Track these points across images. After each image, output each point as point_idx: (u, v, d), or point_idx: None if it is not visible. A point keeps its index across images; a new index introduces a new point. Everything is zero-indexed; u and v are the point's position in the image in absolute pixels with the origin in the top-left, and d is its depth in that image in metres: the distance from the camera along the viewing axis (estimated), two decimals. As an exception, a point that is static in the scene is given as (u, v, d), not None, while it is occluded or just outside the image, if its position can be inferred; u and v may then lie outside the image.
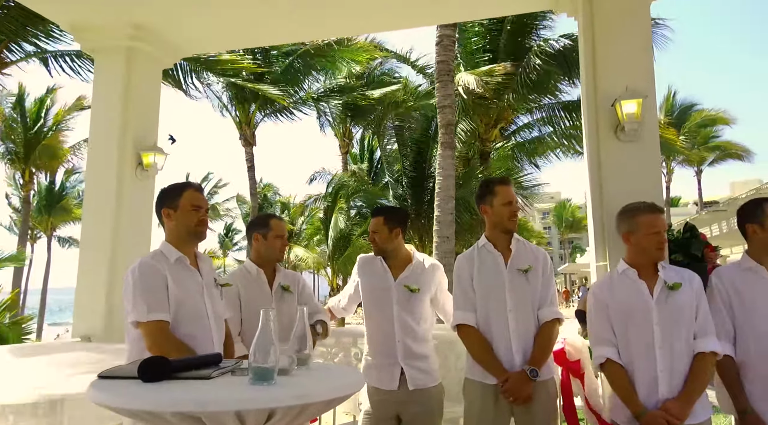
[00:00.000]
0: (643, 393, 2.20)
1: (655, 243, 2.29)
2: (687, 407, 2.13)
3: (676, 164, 27.41)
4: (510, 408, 2.42)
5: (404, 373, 2.64)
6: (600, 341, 2.33)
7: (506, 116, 11.89)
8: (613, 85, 3.19)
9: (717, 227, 12.19)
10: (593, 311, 2.40)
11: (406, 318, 2.70)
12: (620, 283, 2.35)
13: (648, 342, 2.22)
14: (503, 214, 2.56)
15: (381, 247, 2.80)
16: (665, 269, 2.33)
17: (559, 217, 57.72)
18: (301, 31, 4.87)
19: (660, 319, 2.22)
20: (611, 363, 2.27)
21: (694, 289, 2.29)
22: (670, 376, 2.18)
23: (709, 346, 2.20)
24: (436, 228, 7.03)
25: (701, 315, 2.26)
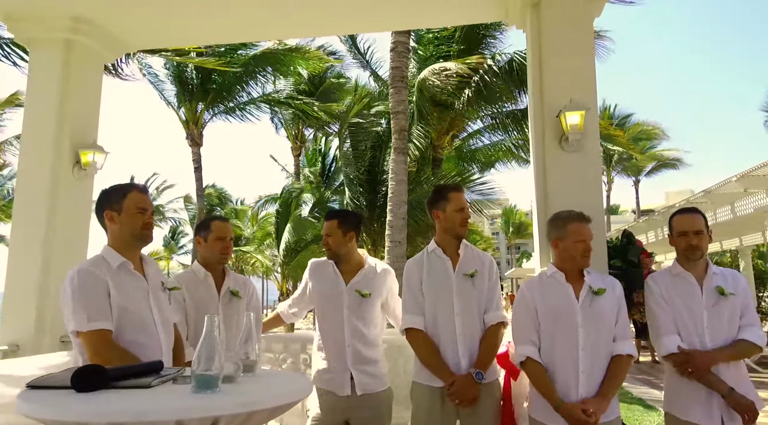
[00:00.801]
0: (563, 392, 2.29)
1: (581, 251, 2.40)
2: (604, 404, 2.24)
3: (615, 174, 28.78)
4: (456, 410, 2.46)
5: (353, 378, 2.64)
6: (522, 340, 2.42)
7: (458, 123, 12.13)
8: (558, 97, 3.31)
9: (653, 235, 12.84)
10: (519, 310, 2.48)
11: (356, 323, 2.69)
12: (549, 286, 2.45)
13: (572, 344, 2.32)
14: (455, 220, 2.61)
15: (334, 251, 2.78)
16: (590, 275, 2.45)
17: (507, 223, 59.23)
18: (251, 31, 4.79)
19: (584, 322, 2.33)
20: (531, 361, 2.36)
21: (616, 295, 2.42)
22: (590, 377, 2.29)
23: (626, 349, 2.33)
24: (389, 233, 7.06)
25: (621, 320, 2.38)
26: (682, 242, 2.53)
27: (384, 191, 11.55)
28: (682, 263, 2.56)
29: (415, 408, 2.56)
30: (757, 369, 8.98)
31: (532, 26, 3.53)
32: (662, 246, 12.83)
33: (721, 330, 2.43)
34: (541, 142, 3.39)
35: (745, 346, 2.40)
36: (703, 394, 2.39)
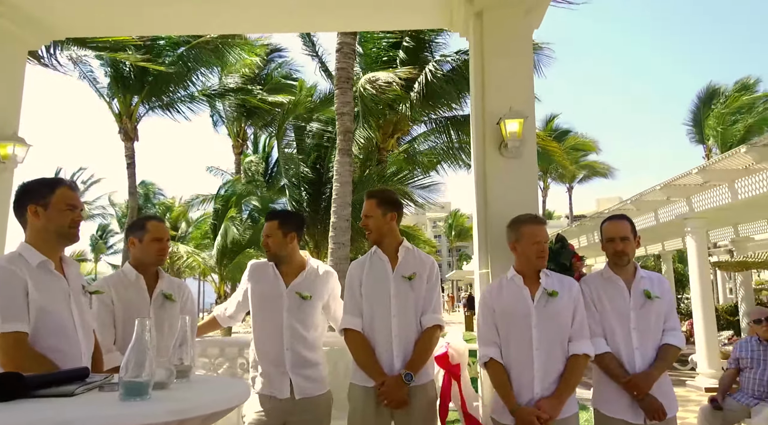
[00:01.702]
0: (520, 391, 2.38)
1: (536, 252, 2.50)
2: (559, 405, 2.34)
3: (551, 181, 30.08)
4: (390, 411, 2.48)
5: (292, 382, 2.60)
6: (485, 341, 2.50)
7: (403, 126, 12.25)
8: (498, 105, 3.40)
9: (585, 239, 13.47)
10: (481, 313, 2.57)
11: (296, 326, 2.65)
12: (508, 288, 2.54)
13: (527, 344, 2.40)
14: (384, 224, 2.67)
15: (274, 252, 2.73)
16: (547, 277, 2.54)
17: (449, 226, 60.44)
18: (192, 23, 4.61)
19: (538, 322, 2.42)
20: (493, 362, 2.44)
21: (572, 296, 2.51)
22: (545, 376, 2.38)
23: (582, 349, 2.43)
24: (332, 234, 7.02)
25: (577, 321, 2.48)
26: (610, 247, 2.68)
27: (329, 192, 11.49)
28: (612, 267, 2.70)
29: (351, 409, 2.56)
30: (676, 367, 9.65)
31: (474, 35, 3.61)
32: (592, 250, 13.50)
33: (647, 331, 2.57)
34: (482, 147, 3.47)
35: (671, 351, 2.57)
36: (626, 394, 2.53)
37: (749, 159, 6.51)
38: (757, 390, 4.26)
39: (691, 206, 8.44)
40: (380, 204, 2.66)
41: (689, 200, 8.46)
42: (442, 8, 3.91)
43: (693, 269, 8.77)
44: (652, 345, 2.57)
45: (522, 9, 3.47)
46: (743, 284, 12.13)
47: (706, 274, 8.98)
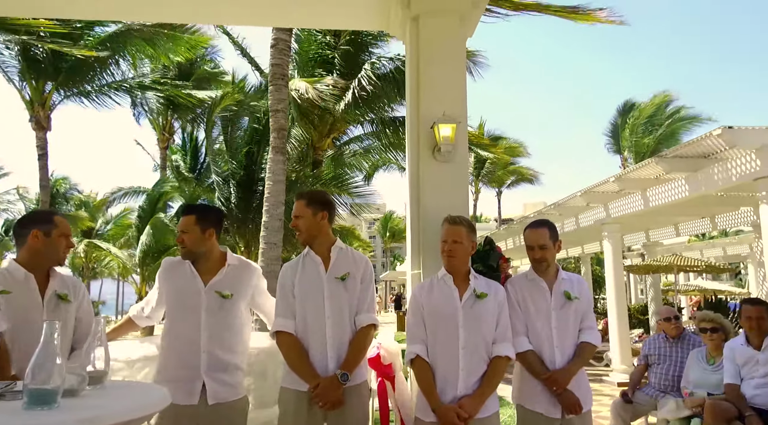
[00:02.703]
0: (443, 389, 2.43)
1: (442, 250, 2.59)
2: (479, 404, 2.41)
3: (482, 185, 31.08)
4: (323, 413, 2.44)
5: (205, 386, 2.46)
6: (413, 339, 2.53)
7: (339, 126, 12.21)
8: (432, 109, 3.46)
9: (512, 242, 14.02)
10: (411, 311, 2.60)
11: (215, 327, 2.53)
12: (438, 287, 2.58)
13: (453, 343, 2.46)
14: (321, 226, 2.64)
15: (191, 249, 2.60)
16: (476, 279, 2.61)
17: (384, 227, 60.92)
18: (114, 8, 4.34)
19: (465, 322, 2.48)
20: (420, 359, 2.47)
21: (498, 300, 2.59)
22: (469, 375, 2.44)
23: (504, 351, 2.51)
24: (264, 234, 6.85)
25: (501, 324, 2.56)
26: (529, 254, 2.82)
27: (261, 191, 11.22)
28: (535, 269, 2.82)
29: (282, 413, 2.50)
30: (593, 364, 10.25)
31: (411, 39, 3.66)
32: (519, 252, 14.06)
33: (566, 330, 2.71)
34: (416, 151, 3.51)
35: (588, 349, 2.73)
36: (546, 390, 2.65)
37: (659, 169, 7.05)
38: (663, 384, 4.61)
39: (608, 212, 9.02)
40: (310, 204, 2.62)
41: (607, 207, 9.03)
42: (380, 11, 3.93)
43: (609, 271, 9.37)
44: (570, 343, 2.71)
45: (457, 17, 3.56)
46: (653, 285, 13.13)
47: (621, 276, 9.63)
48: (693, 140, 6.36)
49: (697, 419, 3.71)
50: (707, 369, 4.18)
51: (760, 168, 5.58)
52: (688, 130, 20.96)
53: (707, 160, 6.63)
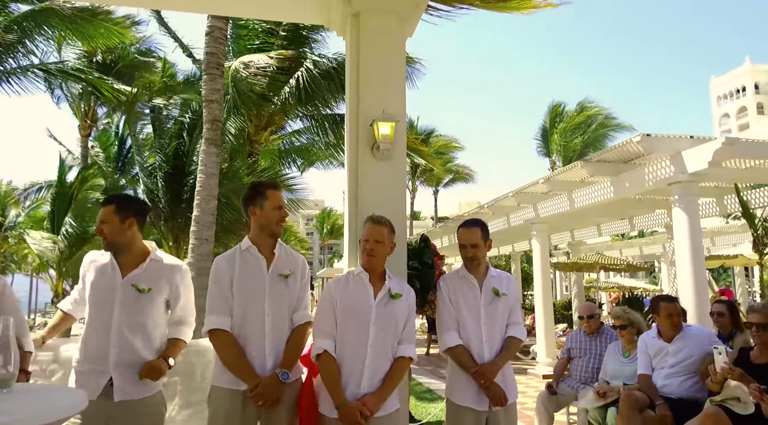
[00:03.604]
0: (347, 385, 2.44)
1: (362, 249, 2.62)
2: (381, 402, 2.43)
3: (419, 183, 31.56)
4: (258, 412, 2.41)
5: (113, 382, 2.38)
6: (322, 334, 2.52)
7: (277, 120, 11.93)
8: (372, 107, 3.46)
9: (447, 239, 14.35)
10: (322, 305, 2.59)
11: (128, 321, 2.44)
12: (354, 284, 2.59)
13: (362, 340, 2.47)
14: (272, 218, 2.59)
15: (110, 240, 2.51)
16: (391, 280, 2.64)
17: (321, 223, 60.46)
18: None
19: (376, 321, 2.50)
20: (327, 355, 2.47)
21: (409, 302, 2.64)
22: (373, 373, 2.46)
23: (408, 353, 2.56)
24: (194, 229, 6.58)
25: (408, 326, 2.61)
26: (462, 252, 2.90)
27: (192, 184, 10.78)
28: (467, 266, 2.91)
29: (213, 413, 2.43)
30: (520, 357, 10.70)
31: (351, 35, 3.64)
32: (453, 250, 14.40)
33: (494, 325, 2.82)
34: (355, 148, 3.51)
35: (514, 343, 2.85)
36: (474, 384, 2.75)
37: (585, 173, 7.45)
38: (584, 376, 4.89)
39: (537, 212, 9.43)
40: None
41: (536, 207, 9.44)
42: (321, 5, 3.88)
43: (537, 268, 9.80)
44: (498, 338, 2.83)
45: (397, 16, 3.57)
46: (576, 282, 13.88)
47: (548, 273, 10.10)
48: (615, 146, 6.76)
49: (613, 408, 3.96)
50: (623, 361, 4.46)
51: (673, 174, 6.03)
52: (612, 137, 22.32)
53: (628, 165, 7.09)
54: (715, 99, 75.63)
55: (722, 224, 13.85)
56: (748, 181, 7.91)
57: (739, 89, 71.84)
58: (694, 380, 3.78)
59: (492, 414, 2.75)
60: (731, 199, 8.50)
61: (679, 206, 6.00)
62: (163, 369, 2.46)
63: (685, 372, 3.82)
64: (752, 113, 68.73)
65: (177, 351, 2.61)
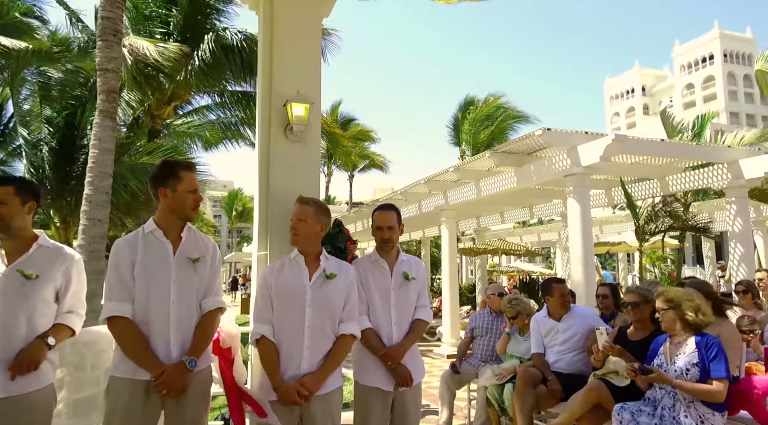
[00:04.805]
0: (286, 368, 2.46)
1: (291, 229, 2.62)
2: (320, 381, 2.47)
3: (335, 168, 31.38)
4: (161, 402, 2.31)
5: None
6: (259, 319, 2.53)
7: (182, 94, 11.21)
8: (286, 87, 3.37)
9: (360, 224, 14.45)
10: (259, 291, 2.59)
11: (12, 311, 2.25)
12: (289, 267, 2.60)
13: (299, 322, 2.48)
14: (186, 201, 2.46)
15: (7, 222, 2.31)
16: (327, 260, 2.66)
17: (230, 206, 58.31)
18: None
19: (312, 302, 2.52)
20: (265, 339, 2.48)
21: (348, 280, 2.66)
22: (312, 354, 2.49)
23: (350, 330, 2.60)
24: (86, 209, 6.02)
25: (350, 303, 2.64)
26: (378, 234, 2.95)
27: (84, 159, 9.88)
28: (379, 251, 2.97)
29: (111, 405, 2.29)
30: (426, 338, 11.10)
31: (264, 11, 3.50)
32: (367, 234, 14.56)
33: (403, 308, 2.90)
34: (267, 128, 3.40)
35: (421, 325, 2.95)
36: (381, 365, 2.82)
37: (491, 163, 7.80)
38: (485, 355, 5.17)
39: (447, 199, 9.75)
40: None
41: (446, 194, 9.76)
42: (233, -26, 3.68)
43: (445, 253, 10.19)
44: (407, 320, 2.92)
45: (314, -6, 3.49)
46: (481, 266, 14.63)
47: (455, 258, 10.54)
48: (519, 138, 7.14)
49: (510, 384, 4.23)
50: (519, 339, 4.78)
51: (569, 166, 6.49)
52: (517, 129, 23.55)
53: (530, 156, 7.52)
54: (608, 98, 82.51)
55: (610, 213, 15.23)
56: (633, 175, 8.74)
57: (629, 91, 78.92)
58: (582, 356, 4.13)
59: (398, 394, 2.84)
60: (618, 191, 9.33)
61: (573, 197, 6.48)
62: (39, 351, 2.26)
63: (573, 349, 4.17)
64: (639, 112, 75.90)
65: (61, 335, 2.41)
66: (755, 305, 5.29)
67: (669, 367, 3.18)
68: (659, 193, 8.86)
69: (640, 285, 3.90)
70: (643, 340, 3.61)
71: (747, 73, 62.54)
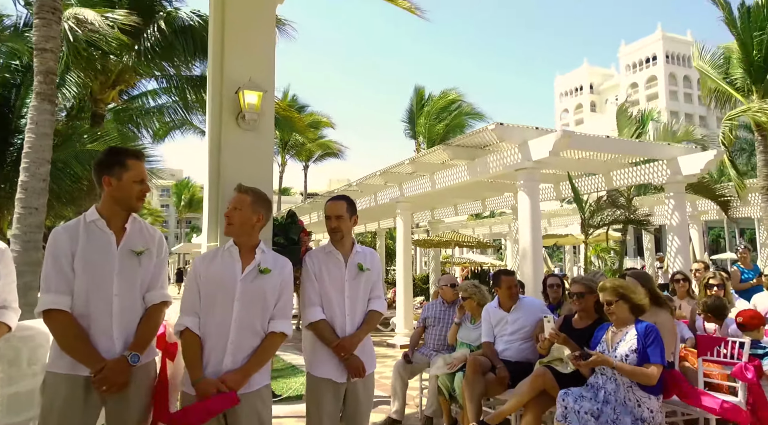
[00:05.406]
0: (209, 362, 2.35)
1: (225, 218, 2.54)
2: (243, 379, 2.35)
3: (289, 158, 30.90)
4: (102, 399, 2.22)
5: None
6: (186, 310, 2.42)
7: (128, 78, 10.68)
8: (238, 74, 3.29)
9: (315, 215, 14.31)
10: (188, 280, 2.49)
11: None
12: (221, 258, 2.48)
13: (226, 315, 2.38)
14: (132, 191, 2.35)
15: None
16: (264, 253, 2.54)
17: (178, 195, 56.47)
18: None
19: (241, 296, 2.40)
20: (188, 332, 2.37)
21: (283, 276, 2.55)
22: (237, 349, 2.37)
23: (280, 328, 2.49)
24: (21, 196, 5.68)
25: (282, 300, 2.53)
26: (327, 224, 2.94)
27: (18, 144, 9.30)
28: (333, 242, 2.95)
29: (48, 402, 2.19)
30: (380, 329, 11.18)
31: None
32: (321, 226, 14.44)
33: (357, 299, 2.90)
34: (218, 116, 3.32)
35: (375, 316, 2.96)
36: (334, 357, 2.81)
37: (446, 156, 7.90)
38: (437, 344, 5.25)
39: (402, 191, 9.81)
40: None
41: (401, 186, 9.82)
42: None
43: (399, 245, 10.27)
44: (361, 311, 2.91)
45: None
46: (434, 258, 14.85)
47: (409, 250, 10.64)
48: (472, 132, 7.26)
49: (460, 373, 4.32)
50: (470, 327, 4.89)
51: (520, 160, 6.65)
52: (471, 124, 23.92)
53: (483, 150, 7.66)
54: (558, 95, 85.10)
55: (557, 207, 15.76)
56: (580, 170, 9.07)
57: (578, 88, 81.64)
58: (529, 344, 4.28)
59: (351, 385, 2.84)
60: (565, 185, 9.66)
61: (524, 190, 6.66)
62: None
63: (521, 338, 4.31)
64: (587, 110, 78.71)
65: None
66: (688, 295, 5.62)
67: (610, 353, 3.36)
68: (604, 187, 9.24)
69: (585, 276, 4.08)
70: (587, 328, 3.78)
71: (687, 74, 66.00)
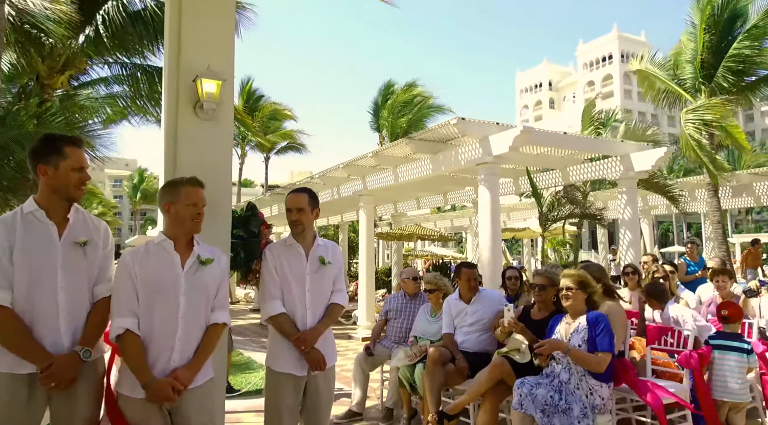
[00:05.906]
0: (156, 362, 2.26)
1: (192, 215, 2.40)
2: (193, 374, 2.30)
3: (249, 149, 30.34)
4: (47, 397, 2.15)
5: None
6: (122, 312, 2.27)
7: (78, 63, 10.20)
8: (196, 62, 3.19)
9: (276, 208, 14.13)
10: (120, 281, 2.32)
11: None
12: (155, 254, 2.37)
13: (172, 312, 2.29)
14: (70, 180, 2.24)
15: None
16: (199, 245, 2.46)
17: (133, 186, 54.67)
18: None
19: (187, 291, 2.33)
20: (130, 333, 2.24)
21: (221, 267, 2.50)
22: (185, 345, 2.31)
23: (221, 319, 2.44)
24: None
25: (221, 292, 2.47)
26: (288, 216, 2.93)
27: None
28: (294, 235, 2.93)
29: None
30: (342, 322, 11.18)
31: (173, -23, 3.27)
32: (282, 218, 14.28)
33: (319, 293, 2.89)
34: (175, 104, 3.21)
35: (336, 309, 2.95)
36: (294, 350, 2.80)
37: (408, 149, 7.94)
38: (398, 336, 5.30)
39: (365, 184, 9.81)
40: None
41: (364, 179, 9.81)
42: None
43: (362, 238, 10.28)
44: (322, 305, 2.90)
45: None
46: (397, 251, 14.94)
47: (372, 243, 10.66)
48: (435, 126, 7.32)
49: (420, 364, 4.38)
50: (430, 320, 4.95)
51: (481, 155, 6.76)
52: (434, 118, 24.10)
53: (445, 145, 7.75)
54: (519, 91, 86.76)
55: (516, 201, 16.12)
56: (538, 165, 9.29)
57: (537, 85, 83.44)
58: (487, 335, 4.37)
59: (311, 378, 2.83)
60: (524, 180, 9.88)
61: (484, 184, 6.78)
62: None
63: (480, 330, 4.40)
64: (546, 106, 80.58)
65: None
66: (638, 286, 5.86)
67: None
68: (561, 182, 9.50)
69: (546, 268, 4.20)
70: (544, 319, 3.90)
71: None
